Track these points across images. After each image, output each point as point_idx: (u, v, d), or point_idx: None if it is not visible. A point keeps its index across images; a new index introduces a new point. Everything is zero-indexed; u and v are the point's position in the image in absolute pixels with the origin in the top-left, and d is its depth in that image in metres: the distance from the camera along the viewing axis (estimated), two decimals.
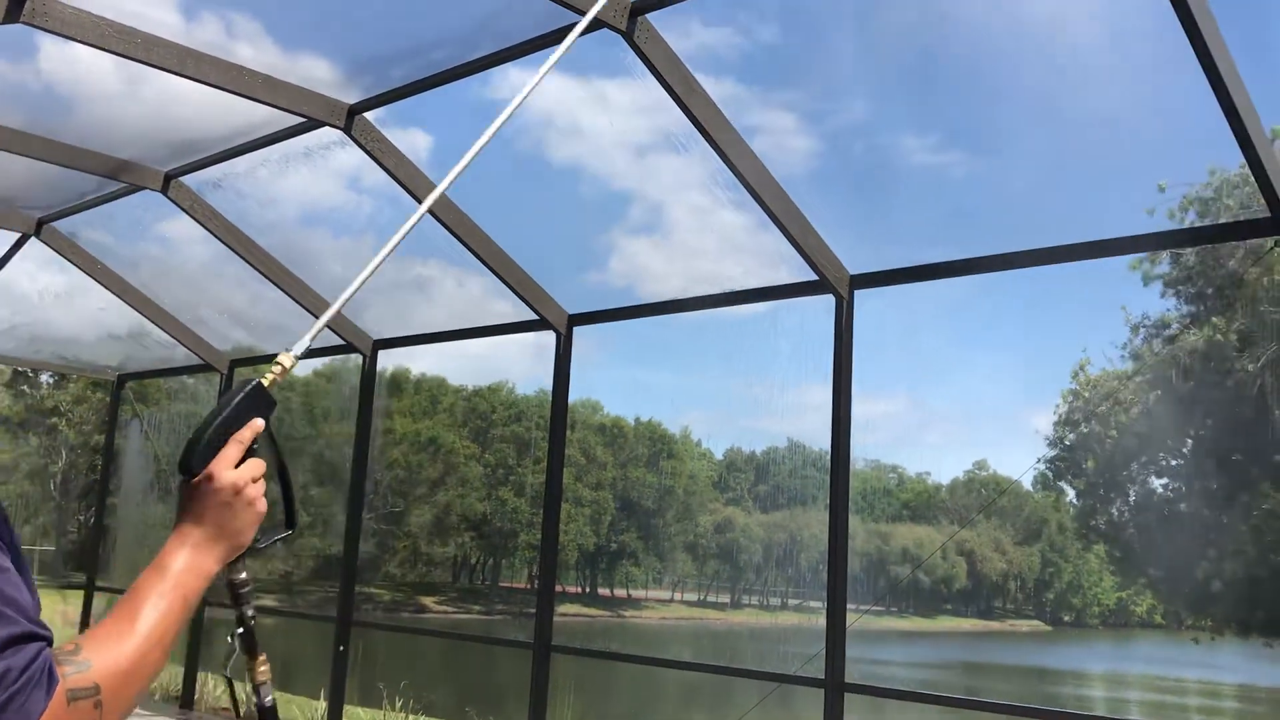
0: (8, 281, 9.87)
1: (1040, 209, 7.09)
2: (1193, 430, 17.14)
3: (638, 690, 25.31)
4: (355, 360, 8.96)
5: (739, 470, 70.20)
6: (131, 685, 1.27)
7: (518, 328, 7.80)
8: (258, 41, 6.11)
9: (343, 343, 8.82)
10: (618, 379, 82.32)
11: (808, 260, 5.96)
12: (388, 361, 8.76)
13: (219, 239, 8.03)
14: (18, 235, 9.13)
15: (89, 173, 7.50)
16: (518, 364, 76.16)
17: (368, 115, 6.48)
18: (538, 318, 7.42)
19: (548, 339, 7.52)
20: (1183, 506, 18.38)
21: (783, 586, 68.62)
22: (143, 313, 9.64)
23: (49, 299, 10.23)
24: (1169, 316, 17.29)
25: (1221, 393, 15.48)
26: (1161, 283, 17.41)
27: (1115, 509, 19.46)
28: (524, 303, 7.36)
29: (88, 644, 1.26)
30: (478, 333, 8.33)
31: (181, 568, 1.38)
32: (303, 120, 6.45)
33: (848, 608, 5.86)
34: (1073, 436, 19.08)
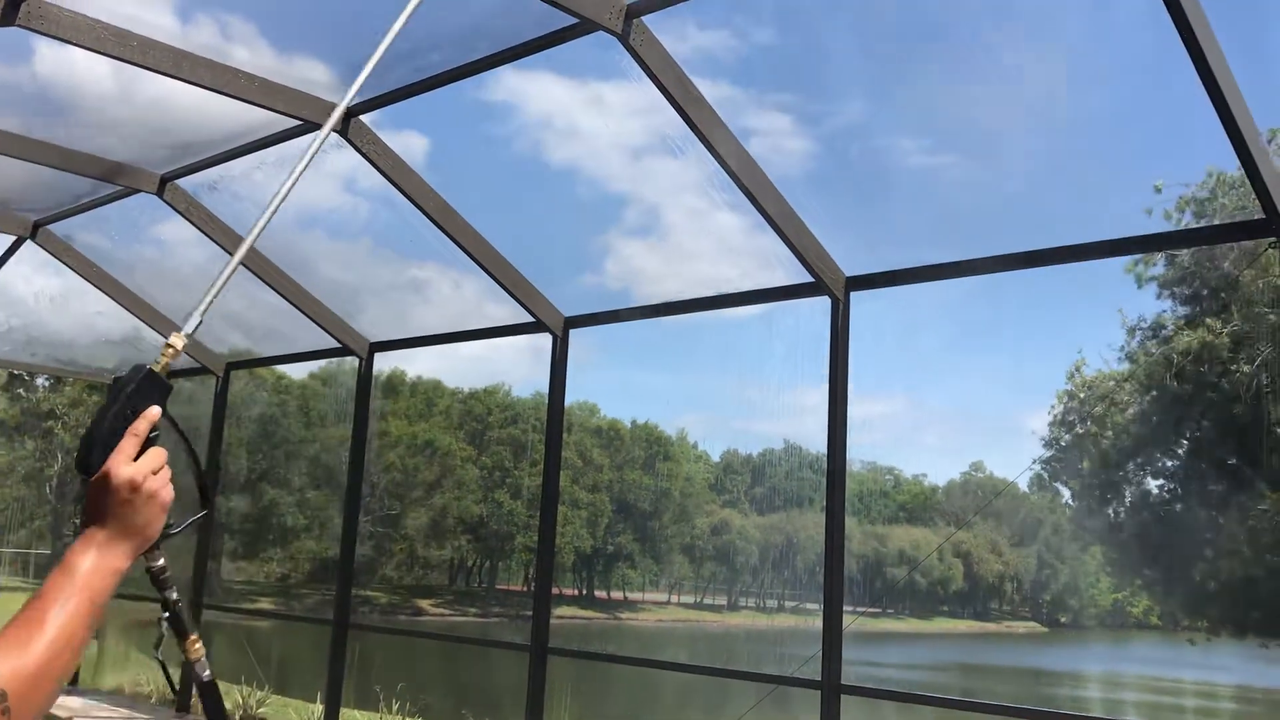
0: (3, 284, 9.86)
1: (1035, 211, 7.10)
2: (1188, 431, 17.16)
3: (634, 692, 25.30)
4: (351, 363, 8.96)
5: (735, 472, 70.21)
6: (40, 689, 1.26)
7: (514, 330, 7.80)
8: (253, 44, 6.11)
9: (338, 345, 8.81)
10: (614, 381, 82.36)
11: (803, 262, 5.96)
12: (383, 364, 8.75)
13: (215, 241, 8.02)
14: (13, 238, 9.12)
15: (84, 175, 7.49)
16: (514, 367, 76.18)
17: (364, 118, 6.48)
18: (534, 320, 7.42)
19: (544, 341, 7.53)
20: (1179, 508, 18.40)
21: (779, 589, 68.62)
22: (138, 315, 9.63)
23: (44, 302, 10.22)
24: (1164, 318, 17.32)
25: (1217, 394, 15.51)
26: (1157, 284, 17.44)
27: (1111, 510, 19.48)
28: (520, 305, 7.35)
29: None
30: (474, 335, 8.33)
31: (88, 569, 1.36)
32: (298, 122, 6.45)
33: (844, 610, 5.87)
34: (1068, 438, 19.10)
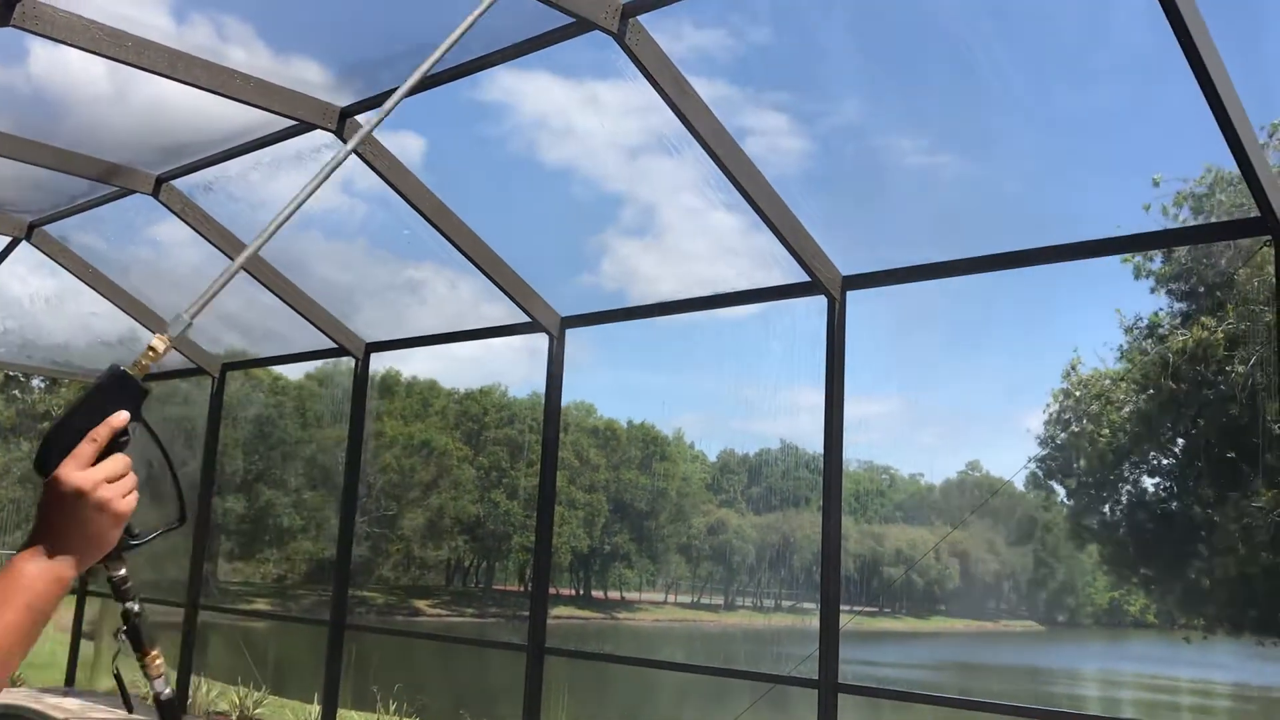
0: None
1: (1032, 210, 7.11)
2: (1184, 430, 17.19)
3: (631, 692, 25.31)
4: (347, 363, 8.95)
5: (732, 472, 70.29)
6: None
7: (510, 330, 7.79)
8: (249, 44, 6.10)
9: (335, 346, 8.81)
10: (610, 381, 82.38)
11: (800, 261, 5.96)
12: (378, 364, 8.75)
13: (210, 242, 8.01)
14: (8, 239, 9.11)
15: (80, 176, 7.48)
16: (510, 367, 76.25)
17: (359, 118, 6.47)
18: (530, 320, 7.42)
19: (540, 341, 7.52)
20: (1175, 506, 18.43)
21: (776, 588, 68.69)
22: (134, 317, 9.62)
23: (40, 303, 10.20)
24: (1160, 316, 17.34)
25: (1213, 392, 15.54)
26: (1154, 279, 17.47)
27: (1108, 509, 19.51)
28: (516, 305, 7.35)
29: None
30: (470, 335, 8.32)
31: (31, 575, 1.30)
32: (294, 123, 6.44)
33: (841, 609, 5.87)
34: (1064, 436, 19.13)
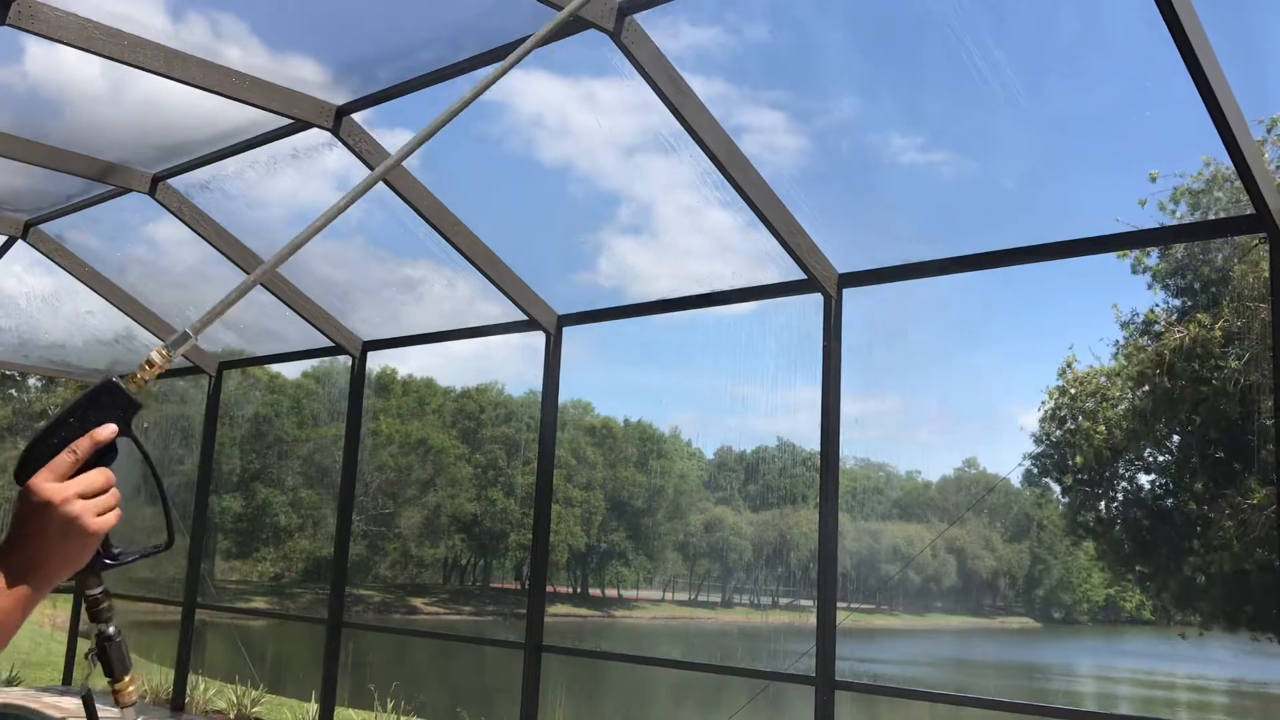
0: None
1: (1028, 206, 7.12)
2: (1180, 426, 17.23)
3: (629, 690, 25.33)
4: (344, 361, 8.95)
5: (729, 469, 70.31)
6: None
7: (507, 328, 7.80)
8: (245, 43, 6.10)
9: (332, 344, 8.81)
10: (607, 379, 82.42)
11: (796, 259, 5.97)
12: (374, 363, 8.75)
13: (207, 241, 8.01)
14: (4, 238, 9.10)
15: (76, 175, 7.47)
16: (507, 365, 76.18)
17: (355, 116, 6.48)
18: (527, 318, 7.43)
19: (537, 340, 7.53)
20: (1170, 502, 18.46)
21: (773, 585, 68.75)
22: (130, 315, 9.61)
23: (36, 302, 10.20)
24: (1156, 313, 17.36)
25: (1209, 389, 15.56)
26: (1150, 274, 17.48)
27: (1103, 505, 19.54)
28: (513, 303, 7.36)
29: None
30: (467, 334, 8.33)
31: None
32: (290, 121, 6.45)
33: (838, 606, 5.88)
34: (1059, 433, 19.15)
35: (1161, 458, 18.55)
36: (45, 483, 1.27)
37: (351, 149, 6.49)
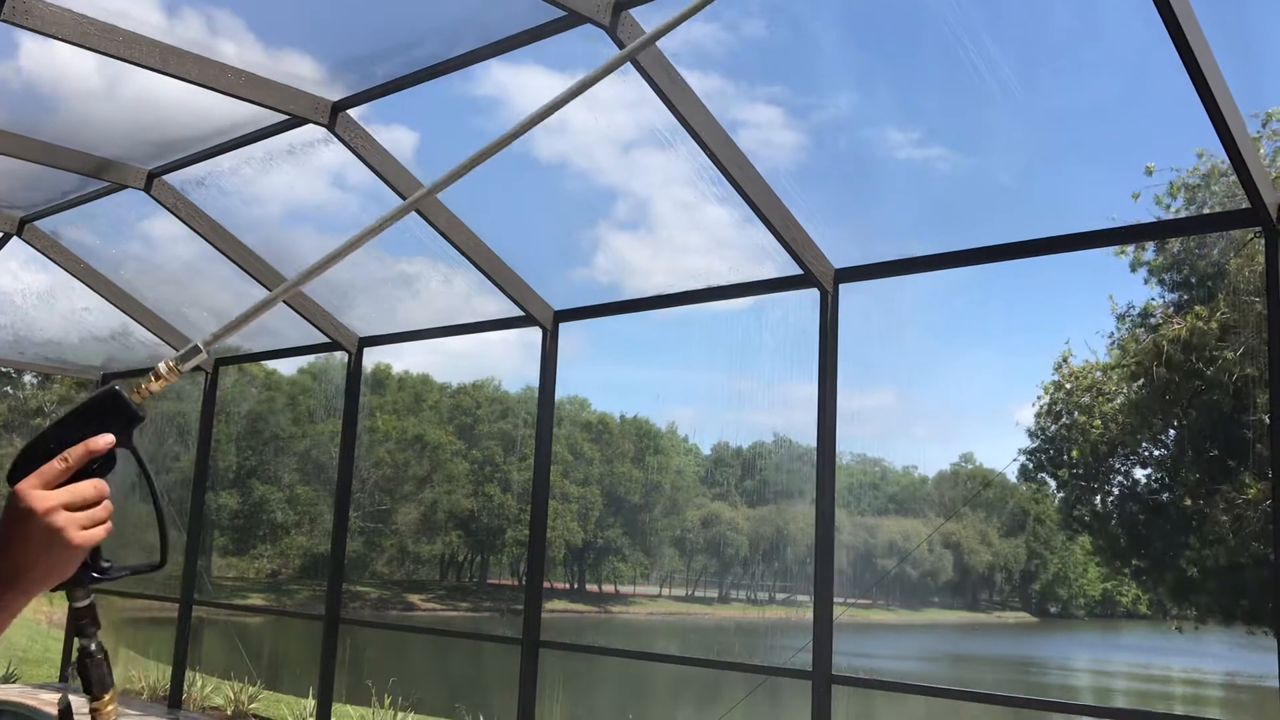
0: None
1: (1023, 201, 7.13)
2: (1175, 420, 17.25)
3: (626, 685, 25.35)
4: (340, 358, 8.94)
5: (726, 465, 70.33)
6: None
7: (504, 324, 7.80)
8: (240, 38, 6.09)
9: (328, 340, 8.80)
10: (603, 376, 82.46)
11: (793, 254, 5.97)
12: (369, 359, 8.76)
13: (203, 237, 8.00)
14: None
15: (71, 171, 7.46)
16: (504, 361, 76.14)
17: (351, 112, 6.47)
18: (524, 314, 7.42)
19: (533, 335, 7.53)
20: (1166, 497, 18.49)
21: (770, 581, 68.81)
22: (126, 312, 9.60)
23: (32, 299, 10.18)
24: (1153, 305, 17.38)
25: (1204, 382, 15.58)
26: (1146, 269, 17.49)
27: (1099, 500, 19.57)
28: (510, 299, 7.35)
29: None
30: (464, 329, 8.32)
31: None
32: (286, 117, 6.44)
33: (835, 601, 5.89)
34: (1055, 428, 19.17)
35: (1157, 452, 18.58)
36: (31, 489, 1.22)
37: (347, 145, 6.48)
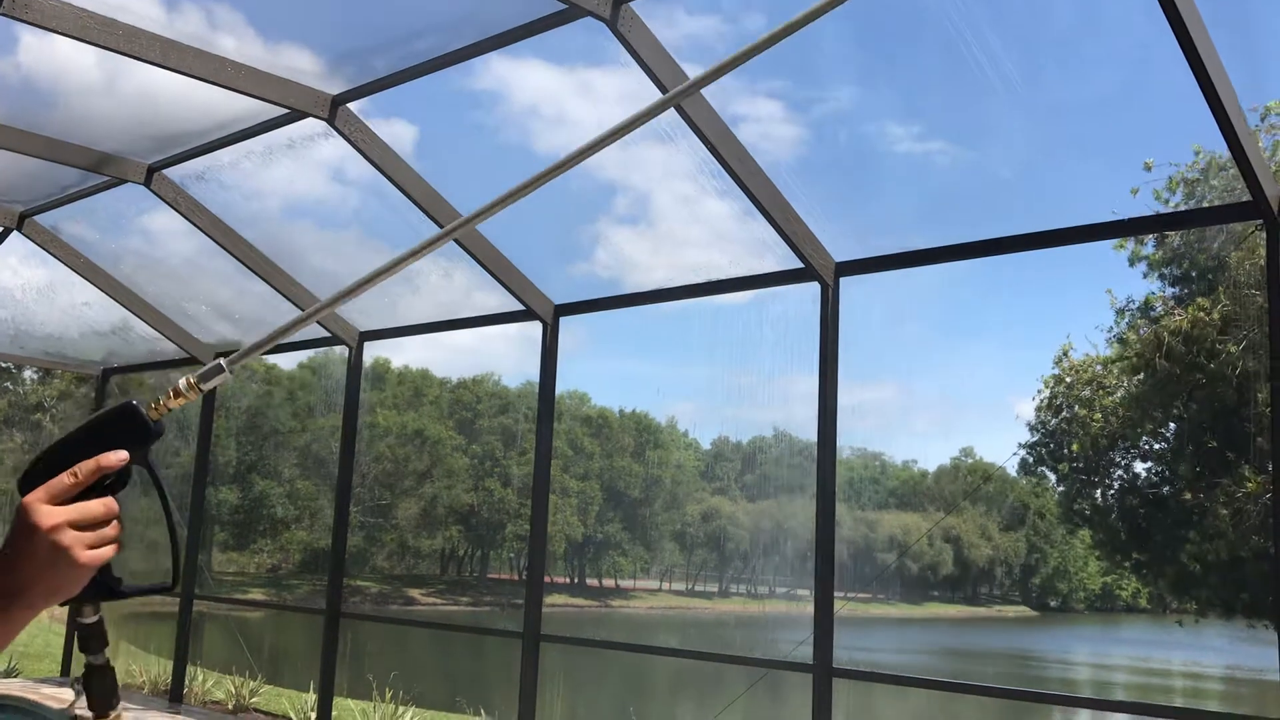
0: None
1: (1024, 194, 7.12)
2: (1176, 414, 17.25)
3: (627, 679, 25.38)
4: (340, 352, 8.94)
5: (726, 459, 70.38)
6: None
7: (504, 318, 7.80)
8: (239, 32, 6.08)
9: (328, 335, 8.80)
10: (603, 371, 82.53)
11: (793, 248, 5.97)
12: (368, 354, 8.76)
13: (203, 232, 7.99)
14: None
15: (71, 166, 7.45)
16: (504, 356, 76.19)
17: (351, 106, 6.46)
18: (524, 308, 7.42)
19: (533, 330, 7.53)
20: (1166, 490, 18.50)
21: (770, 575, 68.89)
22: (126, 306, 9.60)
23: (32, 293, 10.18)
24: (1153, 298, 17.38)
25: (1205, 375, 15.58)
26: (1146, 264, 17.49)
27: (1099, 493, 19.58)
28: (510, 293, 7.35)
29: None
30: (465, 324, 8.32)
31: None
32: (286, 111, 6.43)
33: (835, 595, 5.90)
34: (1055, 421, 19.17)
35: (1158, 446, 18.59)
36: (38, 504, 1.18)
37: (347, 139, 6.48)
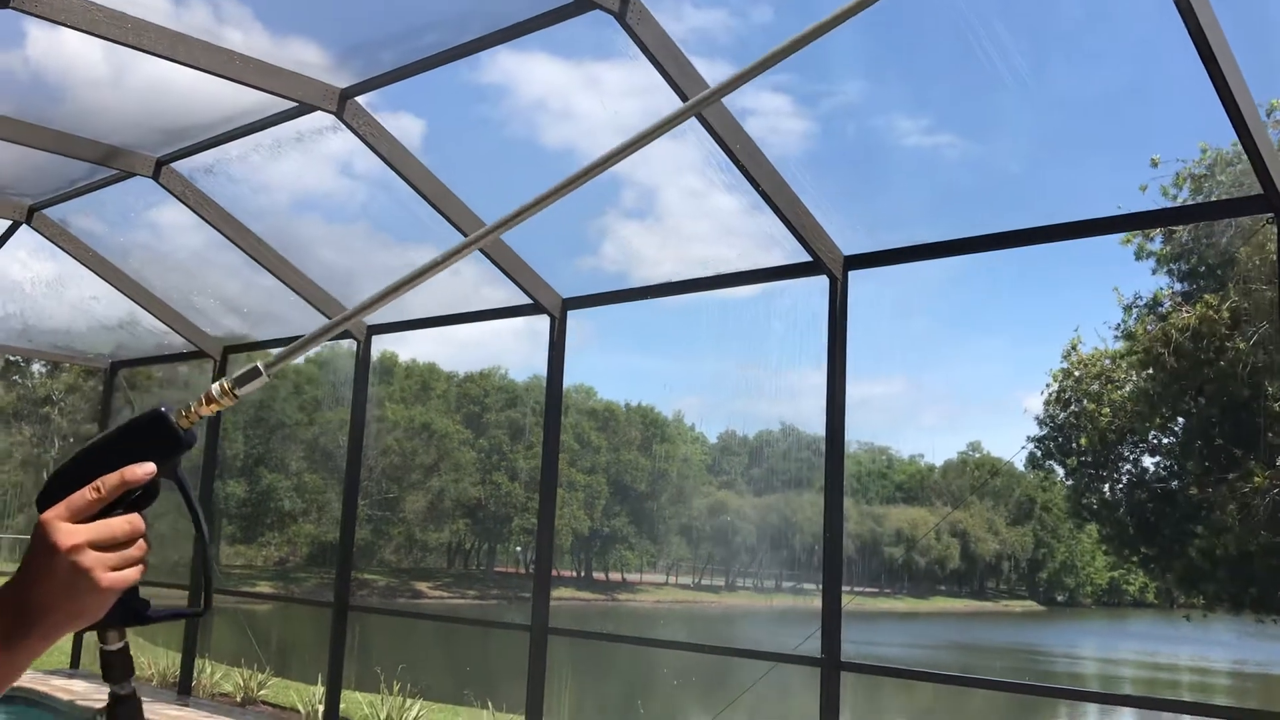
0: None
1: (1032, 188, 7.11)
2: (1185, 408, 17.22)
3: (634, 673, 25.41)
4: (347, 346, 8.95)
5: (733, 454, 70.37)
6: None
7: (512, 312, 7.80)
8: (246, 26, 6.08)
9: None
10: (610, 365, 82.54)
11: (802, 242, 5.96)
12: (376, 347, 8.77)
13: (211, 225, 8.00)
14: (9, 223, 9.10)
15: (80, 159, 7.46)
16: (511, 350, 76.27)
17: (359, 99, 6.46)
18: (532, 302, 7.42)
19: (540, 324, 7.53)
20: (1175, 484, 18.47)
21: (777, 569, 68.92)
22: (134, 300, 9.62)
23: (40, 287, 10.21)
24: (1161, 294, 17.34)
25: (1213, 371, 15.55)
26: (1155, 259, 17.45)
27: (1108, 488, 19.56)
28: (518, 287, 7.35)
29: None
30: (473, 317, 8.33)
31: None
32: (295, 104, 6.43)
33: (842, 589, 5.90)
34: (1064, 416, 19.14)
35: (1166, 440, 18.55)
36: (57, 521, 1.06)
37: (356, 132, 6.48)
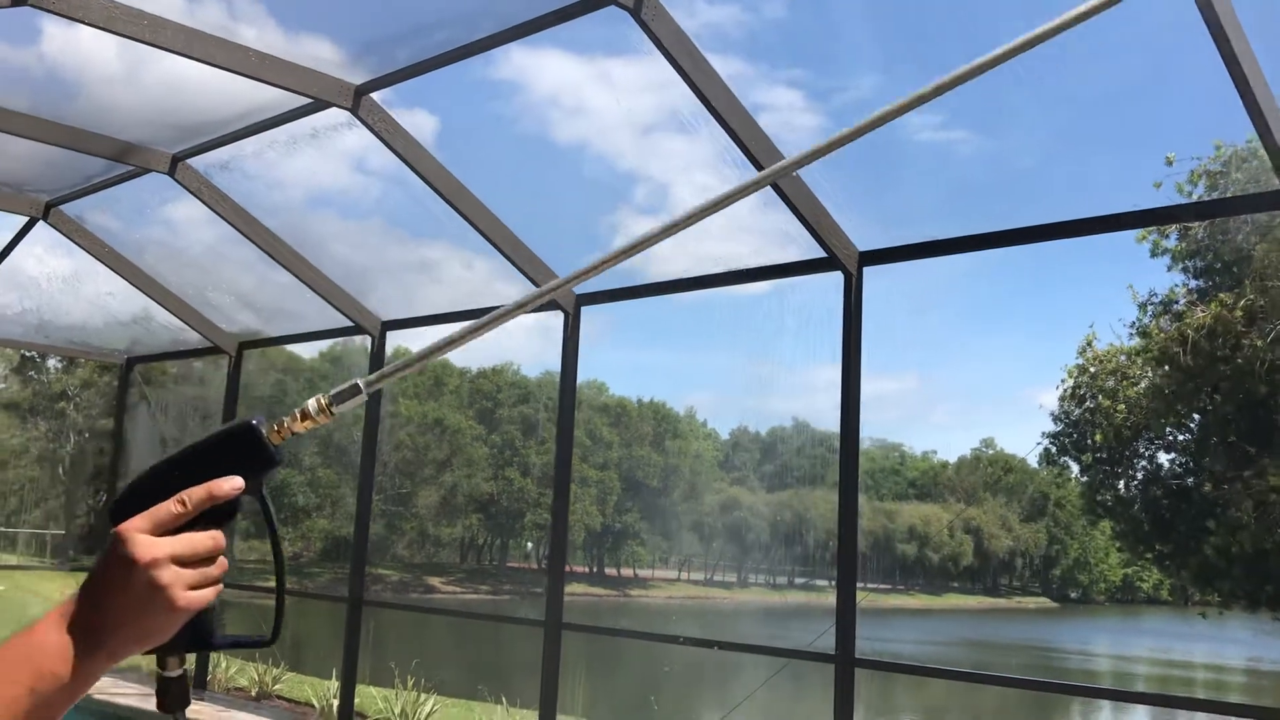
0: (15, 266, 9.89)
1: (1047, 184, 7.07)
2: (1201, 405, 17.14)
3: (646, 668, 25.43)
4: (360, 342, 8.97)
5: (745, 450, 70.36)
6: None
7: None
8: (260, 23, 6.10)
9: (351, 324, 8.83)
10: (622, 361, 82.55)
11: (816, 237, 5.95)
12: (392, 343, 8.79)
13: (226, 221, 8.03)
14: (25, 219, 9.14)
15: (96, 155, 7.50)
16: (524, 346, 76.33)
17: (374, 96, 6.47)
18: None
19: (553, 320, 7.54)
20: (1190, 481, 18.39)
21: (789, 566, 68.89)
22: (150, 295, 9.66)
23: (57, 283, 10.26)
24: (1176, 291, 17.27)
25: (1229, 368, 15.47)
26: (1170, 256, 17.37)
27: (1122, 484, 19.48)
28: (532, 283, 7.35)
29: None
30: (487, 313, 8.33)
31: (48, 649, 0.99)
32: (310, 101, 6.45)
33: (855, 585, 5.89)
34: (1079, 412, 19.08)
35: (1182, 437, 18.47)
36: (137, 533, 1.01)
37: (370, 128, 6.49)
